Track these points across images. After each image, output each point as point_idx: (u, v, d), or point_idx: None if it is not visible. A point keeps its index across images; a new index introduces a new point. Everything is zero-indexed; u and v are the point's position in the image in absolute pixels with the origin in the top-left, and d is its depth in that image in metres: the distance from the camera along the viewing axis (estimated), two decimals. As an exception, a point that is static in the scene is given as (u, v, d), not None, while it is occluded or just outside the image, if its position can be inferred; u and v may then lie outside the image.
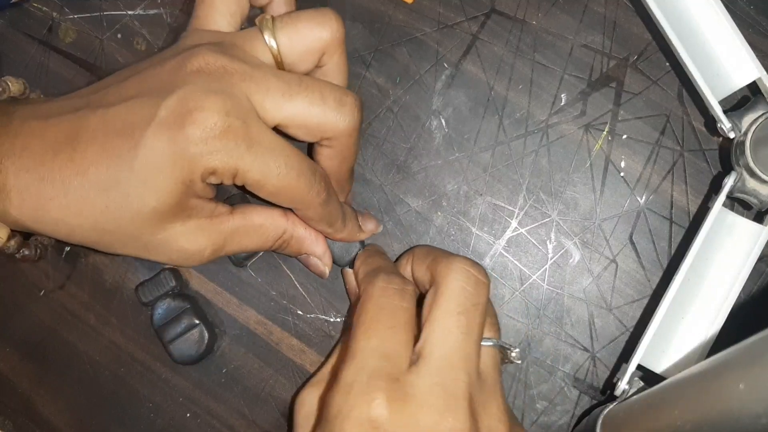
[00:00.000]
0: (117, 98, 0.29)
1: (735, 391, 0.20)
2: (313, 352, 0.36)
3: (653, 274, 0.35)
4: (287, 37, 0.30)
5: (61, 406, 0.37)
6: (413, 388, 0.26)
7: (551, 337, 0.35)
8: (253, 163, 0.28)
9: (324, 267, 0.35)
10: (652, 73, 0.36)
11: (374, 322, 0.28)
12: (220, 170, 0.28)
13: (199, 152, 0.27)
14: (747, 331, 0.21)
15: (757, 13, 0.35)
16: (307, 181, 0.29)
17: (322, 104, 0.29)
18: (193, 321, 0.35)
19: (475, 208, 0.36)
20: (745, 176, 0.32)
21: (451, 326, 0.28)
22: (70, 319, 0.37)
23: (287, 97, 0.29)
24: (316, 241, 0.34)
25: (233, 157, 0.28)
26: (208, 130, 0.27)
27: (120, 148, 0.28)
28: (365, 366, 0.27)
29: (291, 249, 0.34)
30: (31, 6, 0.39)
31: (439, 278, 0.29)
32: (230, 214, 0.32)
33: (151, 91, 0.28)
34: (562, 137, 0.36)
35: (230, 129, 0.27)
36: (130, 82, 0.30)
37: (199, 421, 0.37)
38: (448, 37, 0.37)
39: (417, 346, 0.28)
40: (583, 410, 0.35)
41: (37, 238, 0.36)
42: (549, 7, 0.36)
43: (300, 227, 0.33)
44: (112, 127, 0.28)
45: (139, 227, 0.29)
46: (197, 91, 0.27)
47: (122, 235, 0.29)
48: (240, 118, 0.27)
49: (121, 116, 0.28)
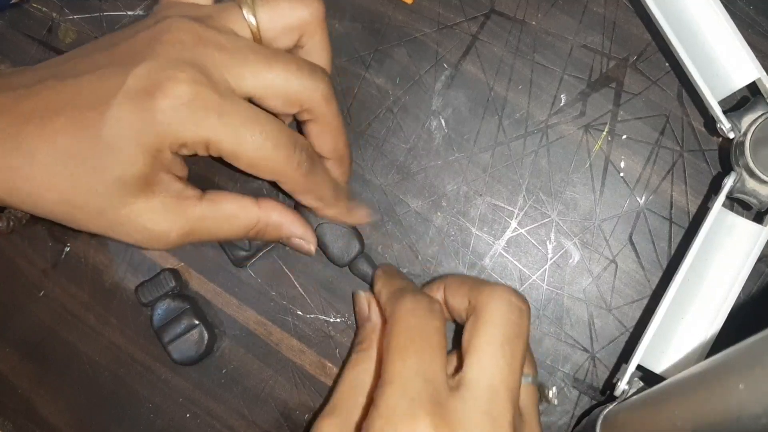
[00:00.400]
0: (86, 68, 0.28)
1: (735, 391, 0.20)
2: (313, 352, 0.36)
3: (653, 274, 0.35)
4: (266, 14, 0.30)
5: (61, 406, 0.37)
6: (458, 414, 0.26)
7: (551, 337, 0.35)
8: (226, 134, 0.27)
9: (309, 245, 0.34)
10: (652, 73, 0.36)
11: (409, 343, 0.27)
12: (190, 141, 0.27)
13: (168, 121, 0.27)
14: (747, 331, 0.21)
15: (756, 13, 0.35)
16: (286, 152, 0.29)
17: (299, 73, 0.29)
18: (192, 321, 0.35)
19: (474, 209, 0.36)
20: (745, 176, 0.32)
21: (497, 355, 0.27)
22: (69, 319, 0.37)
23: (265, 67, 0.29)
24: (293, 222, 0.33)
25: (203, 128, 0.27)
26: (177, 99, 0.27)
27: (88, 118, 0.27)
28: (406, 389, 0.26)
29: (269, 236, 0.33)
30: (30, 6, 0.39)
31: (480, 306, 0.28)
32: (199, 199, 0.31)
33: (122, 61, 0.28)
34: (562, 138, 0.36)
35: (200, 98, 0.27)
36: (102, 52, 0.29)
37: (198, 422, 0.37)
38: (448, 38, 0.37)
39: (459, 374, 0.27)
40: (583, 410, 0.35)
41: (10, 211, 0.35)
42: (548, 8, 0.36)
43: (274, 213, 0.32)
44: (81, 97, 0.28)
45: (104, 201, 0.29)
46: (168, 60, 0.27)
47: (88, 211, 0.29)
48: (211, 88, 0.27)
49: (90, 86, 0.28)
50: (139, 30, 0.29)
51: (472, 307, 0.29)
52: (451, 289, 0.31)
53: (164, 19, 0.29)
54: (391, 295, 0.31)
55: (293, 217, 0.33)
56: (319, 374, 0.36)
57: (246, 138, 0.28)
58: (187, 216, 0.30)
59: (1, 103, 0.29)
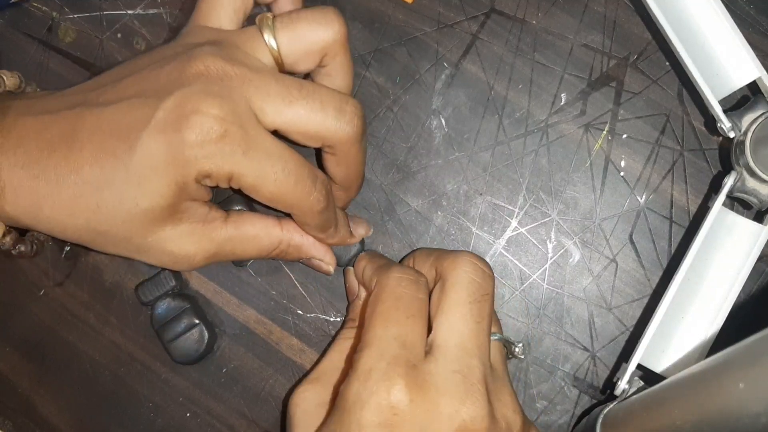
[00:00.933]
0: (114, 97, 0.29)
1: (735, 390, 0.20)
2: (313, 351, 0.36)
3: (653, 273, 0.35)
4: (287, 38, 0.30)
5: (61, 405, 0.37)
6: (432, 375, 0.27)
7: (551, 336, 0.35)
8: (249, 168, 0.28)
9: (328, 266, 0.34)
10: (652, 72, 0.36)
11: (392, 311, 0.28)
12: (215, 174, 0.28)
13: (194, 156, 0.27)
14: (747, 331, 0.21)
15: (757, 13, 0.35)
16: (306, 189, 0.29)
17: (322, 112, 0.29)
18: (193, 321, 0.35)
19: (475, 208, 0.36)
20: (745, 176, 0.32)
21: (465, 315, 0.28)
22: (70, 318, 0.37)
23: (287, 103, 0.29)
24: (314, 244, 0.34)
25: (228, 162, 0.27)
26: (205, 134, 0.27)
27: (116, 149, 0.28)
28: (384, 353, 0.27)
29: (290, 256, 0.34)
30: (30, 6, 0.39)
31: (446, 272, 0.29)
32: (224, 221, 0.31)
33: (149, 92, 0.28)
34: (562, 137, 0.36)
35: (227, 133, 0.27)
36: (129, 81, 0.29)
37: (198, 421, 0.37)
38: (448, 37, 0.37)
39: (430, 337, 0.28)
40: (583, 410, 0.35)
41: (33, 234, 0.36)
42: (549, 7, 0.36)
43: (296, 234, 0.33)
44: (108, 126, 0.28)
45: (130, 228, 0.29)
46: (195, 93, 0.27)
47: (114, 236, 0.29)
48: (237, 123, 0.27)
49: (118, 116, 0.28)
50: (166, 58, 0.29)
51: (438, 274, 0.30)
52: (419, 261, 0.33)
53: (191, 49, 0.29)
54: (377, 269, 0.32)
55: (312, 239, 0.34)
56: (320, 373, 0.36)
57: (268, 174, 0.28)
58: (212, 239, 0.31)
59: (26, 128, 0.29)
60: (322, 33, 0.30)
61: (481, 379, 0.27)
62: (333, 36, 0.30)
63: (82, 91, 0.30)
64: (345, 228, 0.34)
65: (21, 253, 0.34)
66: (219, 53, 0.29)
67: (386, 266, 0.31)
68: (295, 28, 0.30)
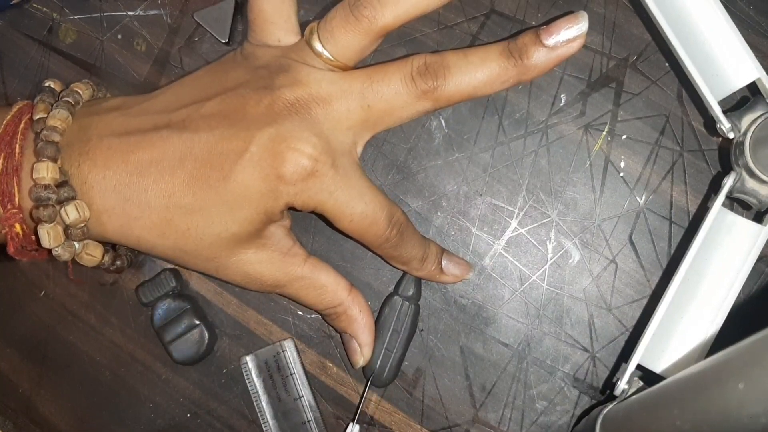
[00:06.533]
0: (203, 124, 0.30)
1: (735, 391, 0.20)
2: (313, 352, 0.36)
3: (653, 274, 0.35)
4: (331, 44, 0.31)
5: (61, 406, 0.37)
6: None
7: (551, 337, 0.35)
8: (333, 203, 0.30)
9: (360, 357, 0.34)
10: (652, 73, 0.36)
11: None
12: (301, 206, 0.30)
13: (287, 191, 0.29)
14: (747, 331, 0.21)
15: (756, 13, 0.35)
16: (379, 232, 0.31)
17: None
18: (193, 321, 0.35)
19: (474, 209, 0.36)
20: (745, 176, 0.32)
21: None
22: (70, 319, 0.37)
23: (368, 129, 0.32)
24: (364, 328, 0.34)
25: (314, 199, 0.30)
26: (299, 172, 0.29)
27: (209, 177, 0.29)
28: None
29: (338, 323, 0.34)
30: (31, 7, 0.39)
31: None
32: (303, 260, 0.33)
33: (239, 124, 0.29)
34: (562, 137, 0.36)
35: (318, 173, 0.29)
36: (212, 107, 0.30)
37: (199, 421, 0.37)
38: (448, 38, 0.37)
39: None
40: (583, 410, 0.35)
41: (121, 248, 0.36)
42: (549, 8, 0.36)
43: (356, 308, 0.34)
44: (200, 154, 0.29)
45: (216, 250, 0.30)
46: (288, 130, 0.29)
47: (199, 256, 0.31)
48: (329, 162, 0.29)
49: (210, 145, 0.29)
50: (242, 85, 0.31)
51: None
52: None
53: (267, 78, 0.30)
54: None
55: (369, 322, 0.34)
56: (320, 374, 0.36)
57: (346, 215, 0.30)
58: (287, 272, 0.32)
59: (111, 149, 0.30)
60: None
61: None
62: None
63: (160, 111, 0.31)
64: (433, 263, 0.34)
65: (118, 269, 0.35)
66: (296, 81, 0.30)
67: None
68: (332, 30, 0.31)
